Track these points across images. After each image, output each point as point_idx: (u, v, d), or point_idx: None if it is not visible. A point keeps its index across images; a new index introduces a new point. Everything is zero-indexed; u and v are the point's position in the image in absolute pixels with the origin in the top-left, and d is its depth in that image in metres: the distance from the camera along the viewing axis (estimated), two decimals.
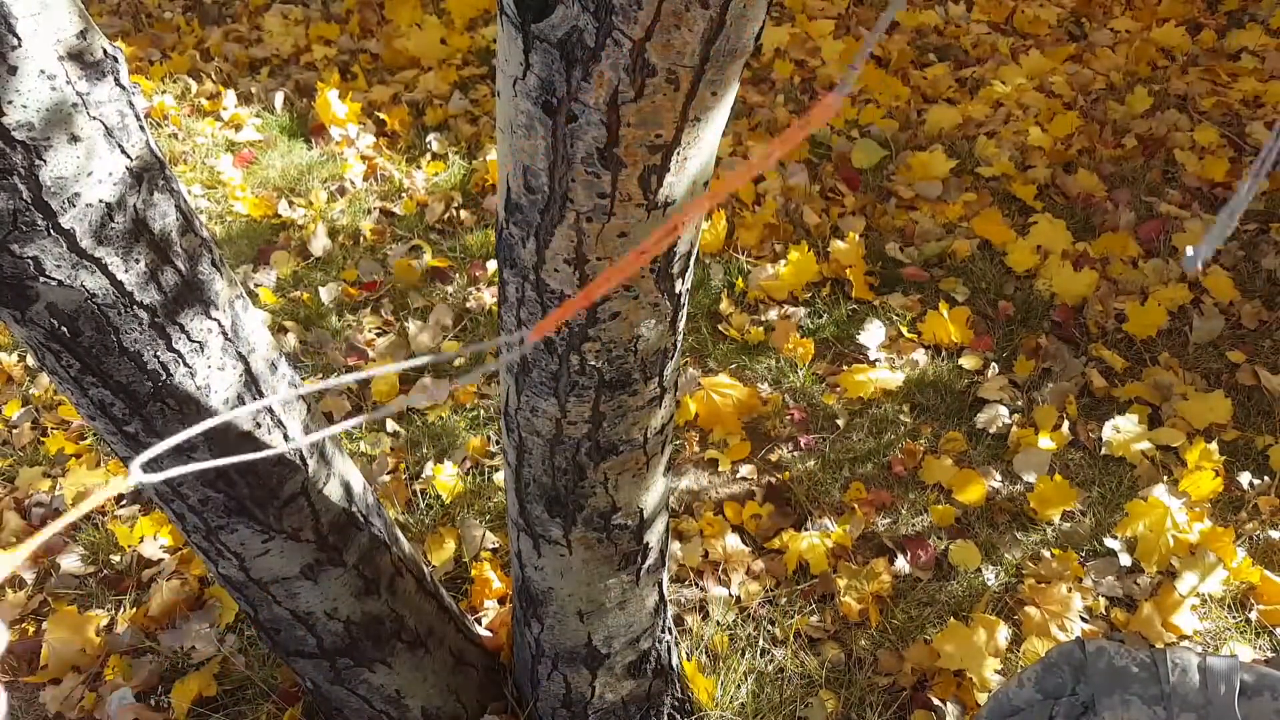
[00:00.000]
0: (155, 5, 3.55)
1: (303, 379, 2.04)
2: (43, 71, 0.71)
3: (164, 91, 3.07)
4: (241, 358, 0.95)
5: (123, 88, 0.79)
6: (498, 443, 2.00)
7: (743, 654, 1.63)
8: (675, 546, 1.78)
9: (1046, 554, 1.75)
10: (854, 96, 2.88)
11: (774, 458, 1.96)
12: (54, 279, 0.78)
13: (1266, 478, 1.87)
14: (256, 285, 2.40)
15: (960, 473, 1.87)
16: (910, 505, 1.86)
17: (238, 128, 2.95)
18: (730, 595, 1.73)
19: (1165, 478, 1.86)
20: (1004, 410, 2.01)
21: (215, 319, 0.91)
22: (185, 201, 0.88)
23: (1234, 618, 1.67)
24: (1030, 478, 1.88)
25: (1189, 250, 0.34)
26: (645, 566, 1.23)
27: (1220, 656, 1.13)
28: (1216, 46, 3.04)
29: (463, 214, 2.59)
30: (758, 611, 1.70)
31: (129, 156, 0.80)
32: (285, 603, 1.15)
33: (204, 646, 1.65)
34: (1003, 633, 1.61)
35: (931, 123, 2.78)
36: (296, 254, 2.50)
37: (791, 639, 1.65)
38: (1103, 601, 1.69)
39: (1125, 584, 1.71)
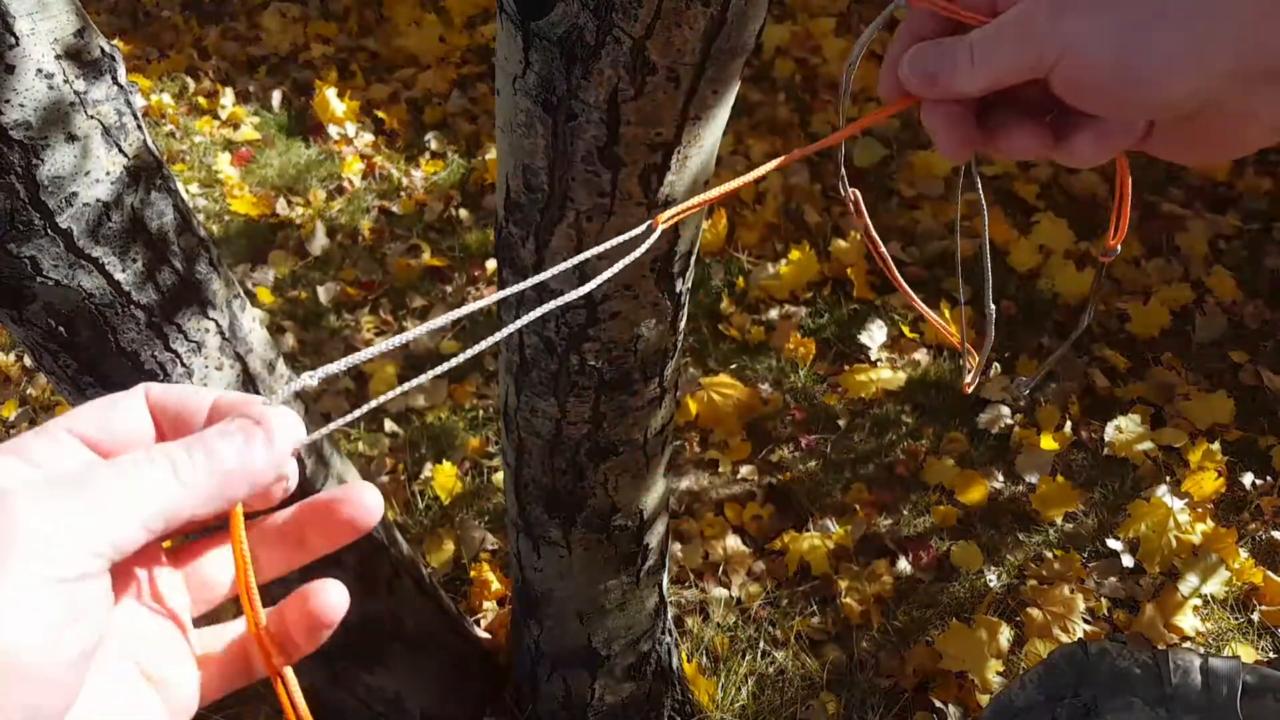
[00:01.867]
0: (153, 3, 3.55)
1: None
2: (40, 70, 0.71)
3: (162, 90, 3.07)
4: (239, 358, 0.95)
5: (120, 86, 0.78)
6: (497, 443, 1.99)
7: (743, 656, 1.62)
8: (676, 548, 1.77)
9: (1049, 555, 1.74)
10: (855, 95, 2.87)
11: (775, 458, 1.96)
12: (51, 279, 0.78)
13: (1269, 478, 1.86)
14: (254, 285, 2.40)
15: (962, 473, 1.87)
16: (912, 506, 1.86)
17: (235, 126, 2.94)
18: (731, 597, 1.72)
19: (1168, 478, 1.86)
20: (1006, 410, 2.00)
21: (213, 319, 0.91)
22: (183, 200, 0.87)
23: (1236, 619, 1.66)
24: (1032, 478, 1.87)
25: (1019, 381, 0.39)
26: (645, 568, 1.22)
27: (1222, 658, 1.12)
28: None
29: (462, 213, 2.59)
30: (759, 613, 1.69)
31: (126, 155, 0.79)
32: None
33: None
34: (1005, 634, 1.60)
35: None
36: (294, 253, 2.49)
37: (793, 641, 1.64)
38: (1105, 603, 1.68)
39: (1128, 585, 1.71)
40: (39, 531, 0.25)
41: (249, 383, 0.97)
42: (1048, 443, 1.90)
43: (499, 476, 1.92)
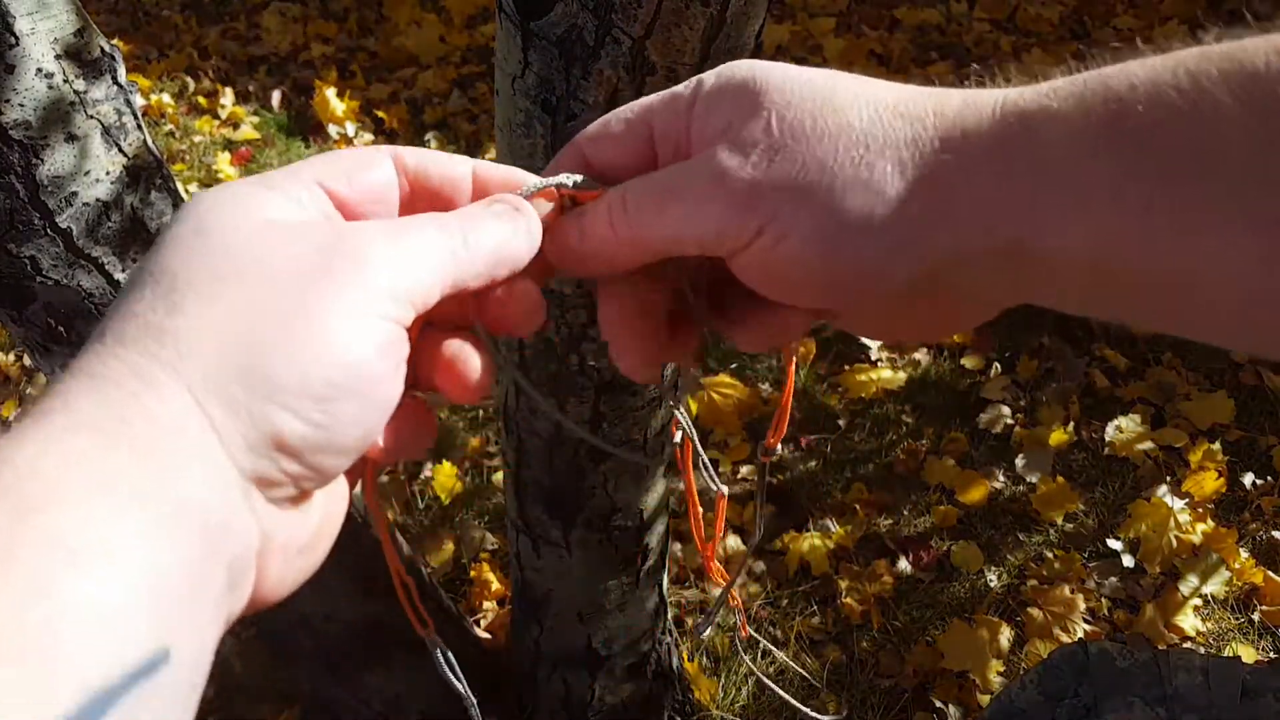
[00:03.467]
0: (153, 3, 3.55)
1: None
2: (40, 70, 0.71)
3: (161, 90, 3.07)
4: None
5: (120, 86, 0.78)
6: (497, 443, 1.99)
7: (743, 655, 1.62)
8: (675, 548, 1.77)
9: (1049, 555, 1.74)
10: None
11: (775, 458, 1.95)
12: (51, 278, 0.78)
13: (1269, 478, 1.86)
14: None
15: (962, 473, 1.87)
16: (912, 506, 1.86)
17: (235, 126, 2.94)
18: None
19: (1168, 478, 1.85)
20: (1006, 410, 2.00)
21: None
22: (182, 200, 0.87)
23: (1237, 619, 1.66)
24: (1033, 478, 1.87)
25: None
26: (645, 568, 1.22)
27: (1222, 658, 1.12)
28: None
29: None
30: (759, 613, 1.69)
31: (126, 155, 0.79)
32: (284, 606, 1.14)
33: None
34: (1005, 634, 1.60)
35: None
36: None
37: (793, 640, 1.64)
38: (1105, 603, 1.68)
39: (1128, 585, 1.71)
40: (380, 270, 0.27)
41: None
42: (1055, 437, 1.90)
43: (499, 476, 1.92)
